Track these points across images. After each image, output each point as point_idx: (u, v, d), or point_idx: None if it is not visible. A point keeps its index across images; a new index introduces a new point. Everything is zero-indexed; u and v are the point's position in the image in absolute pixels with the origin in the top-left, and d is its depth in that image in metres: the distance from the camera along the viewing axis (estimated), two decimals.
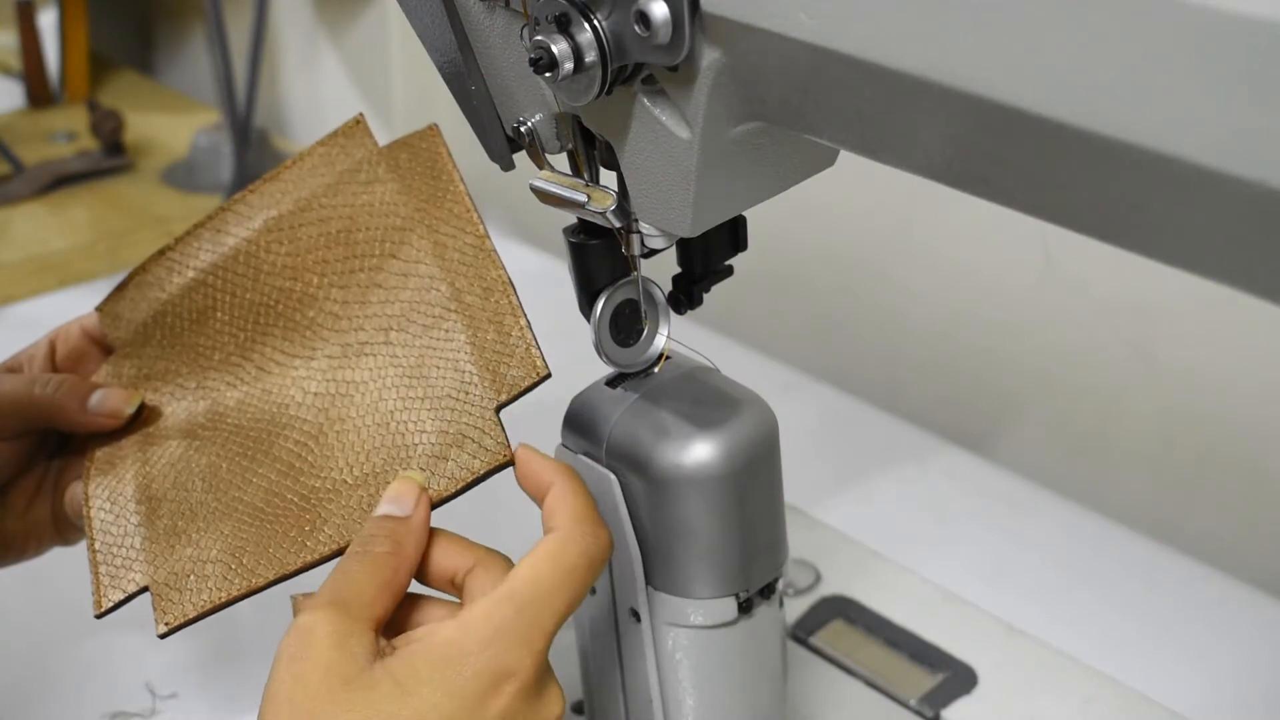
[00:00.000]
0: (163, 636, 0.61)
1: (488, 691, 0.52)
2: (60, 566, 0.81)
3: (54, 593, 0.89)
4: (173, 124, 1.63)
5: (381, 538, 0.56)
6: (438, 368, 0.62)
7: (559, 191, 0.58)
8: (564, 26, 0.49)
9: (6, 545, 0.72)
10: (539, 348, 0.59)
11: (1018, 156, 0.42)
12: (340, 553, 0.58)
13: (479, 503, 0.62)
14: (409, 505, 0.57)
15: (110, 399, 0.70)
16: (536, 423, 0.66)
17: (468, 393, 0.60)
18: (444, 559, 0.56)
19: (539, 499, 0.57)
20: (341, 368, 0.65)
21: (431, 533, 0.57)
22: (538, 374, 0.59)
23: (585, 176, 0.59)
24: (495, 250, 0.63)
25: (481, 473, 0.58)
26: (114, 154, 1.51)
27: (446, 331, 0.62)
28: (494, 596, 0.53)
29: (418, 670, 0.51)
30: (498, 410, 0.59)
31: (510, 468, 0.58)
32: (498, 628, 0.52)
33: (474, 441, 0.59)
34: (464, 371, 0.61)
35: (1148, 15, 0.35)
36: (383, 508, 0.57)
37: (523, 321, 0.60)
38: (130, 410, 0.70)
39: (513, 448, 0.58)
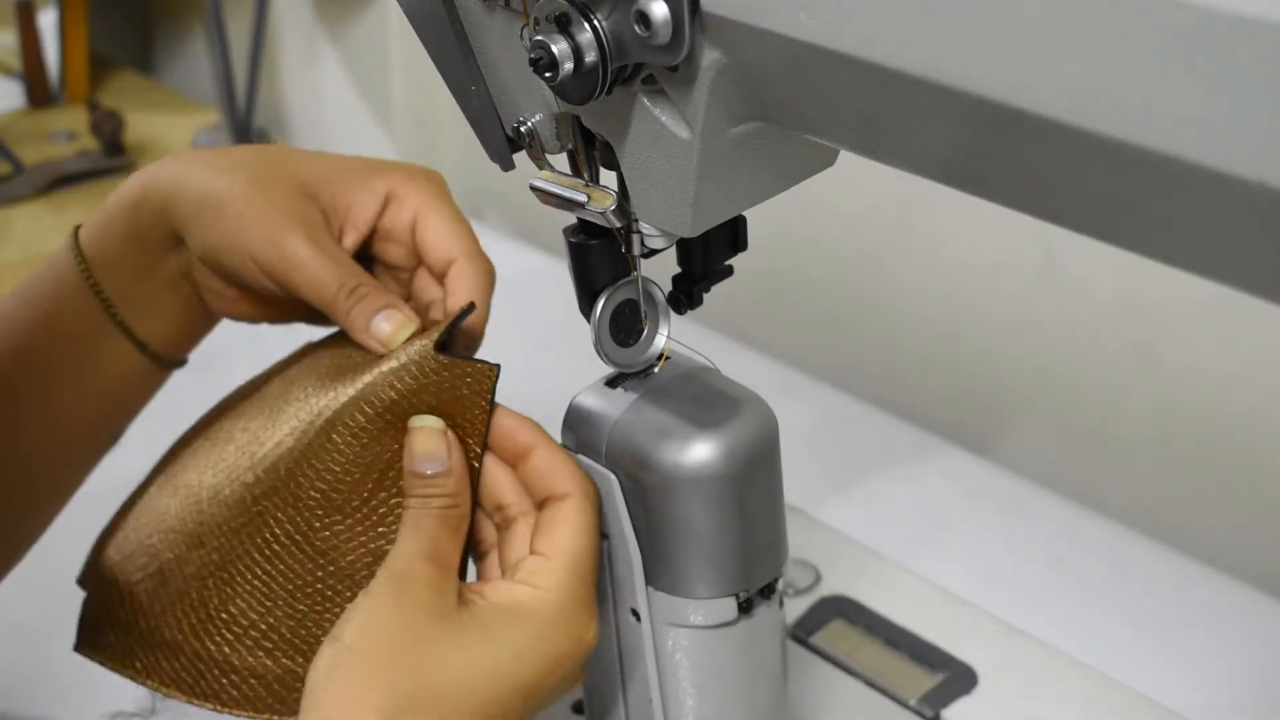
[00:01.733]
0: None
1: (563, 657, 0.57)
2: (60, 566, 0.81)
3: (54, 592, 0.89)
4: (173, 124, 1.64)
5: (435, 496, 0.59)
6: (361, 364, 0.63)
7: (559, 191, 0.58)
8: (564, 26, 0.49)
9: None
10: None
11: (1018, 156, 0.42)
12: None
13: None
14: (443, 457, 0.59)
15: (388, 324, 0.62)
16: (537, 423, 0.66)
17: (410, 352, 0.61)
18: (547, 479, 0.60)
19: (510, 456, 0.61)
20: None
21: (541, 445, 0.60)
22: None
23: (585, 176, 0.59)
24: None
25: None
26: (114, 154, 1.51)
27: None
28: (560, 568, 0.58)
29: (502, 622, 0.57)
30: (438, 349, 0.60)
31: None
32: (572, 600, 0.58)
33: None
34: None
35: (1148, 15, 0.35)
36: (419, 465, 0.59)
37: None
38: (402, 340, 0.62)
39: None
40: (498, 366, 0.60)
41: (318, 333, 0.68)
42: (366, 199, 0.66)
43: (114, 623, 0.67)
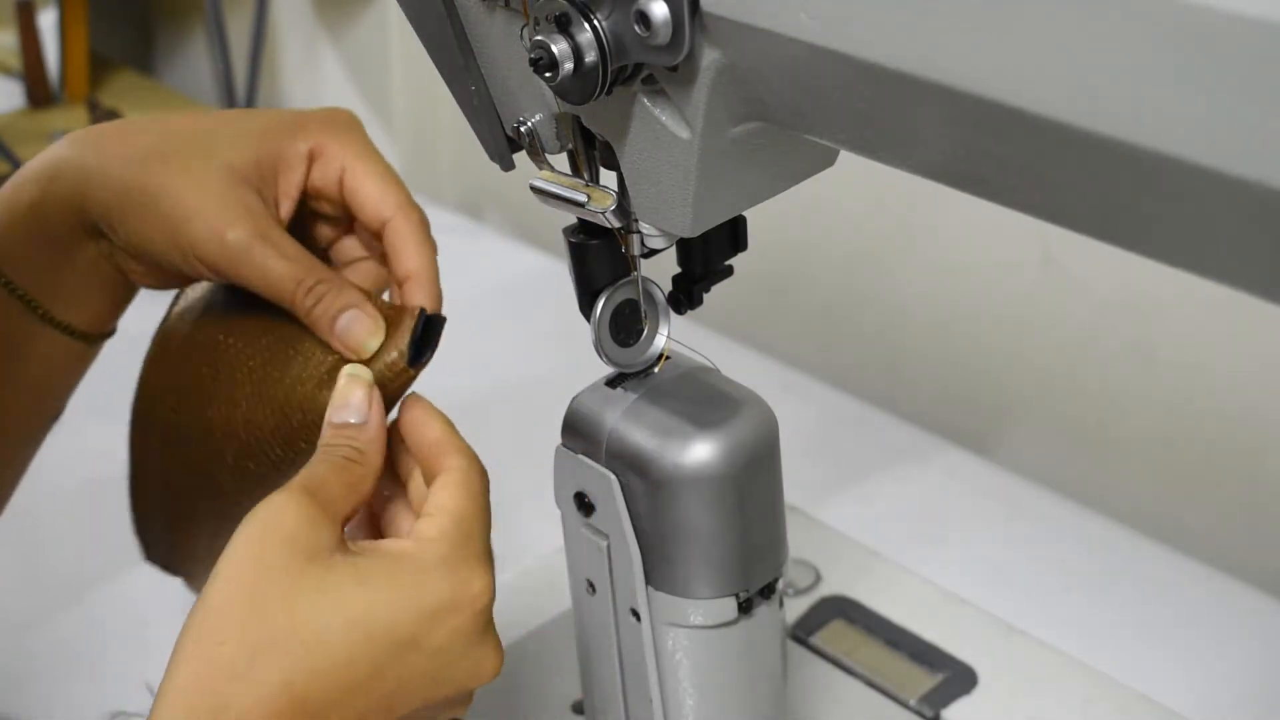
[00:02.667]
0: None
1: (444, 606, 0.53)
2: (60, 567, 0.81)
3: (53, 592, 0.89)
4: None
5: (343, 445, 0.57)
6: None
7: (559, 191, 0.58)
8: (564, 26, 0.49)
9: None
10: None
11: (1018, 156, 0.42)
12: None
13: None
14: (363, 409, 0.58)
15: (358, 327, 0.62)
16: (537, 422, 0.66)
17: None
18: (433, 454, 0.58)
19: (421, 450, 0.59)
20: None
21: (431, 423, 0.59)
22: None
23: (585, 176, 0.59)
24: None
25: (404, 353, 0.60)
26: None
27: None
28: (443, 521, 0.55)
29: (377, 568, 0.53)
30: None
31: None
32: (454, 547, 0.54)
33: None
34: None
35: (1148, 15, 0.35)
36: (338, 414, 0.58)
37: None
38: (374, 348, 0.61)
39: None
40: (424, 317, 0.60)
41: None
42: (293, 162, 0.64)
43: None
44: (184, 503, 0.68)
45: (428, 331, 0.61)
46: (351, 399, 0.59)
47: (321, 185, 0.65)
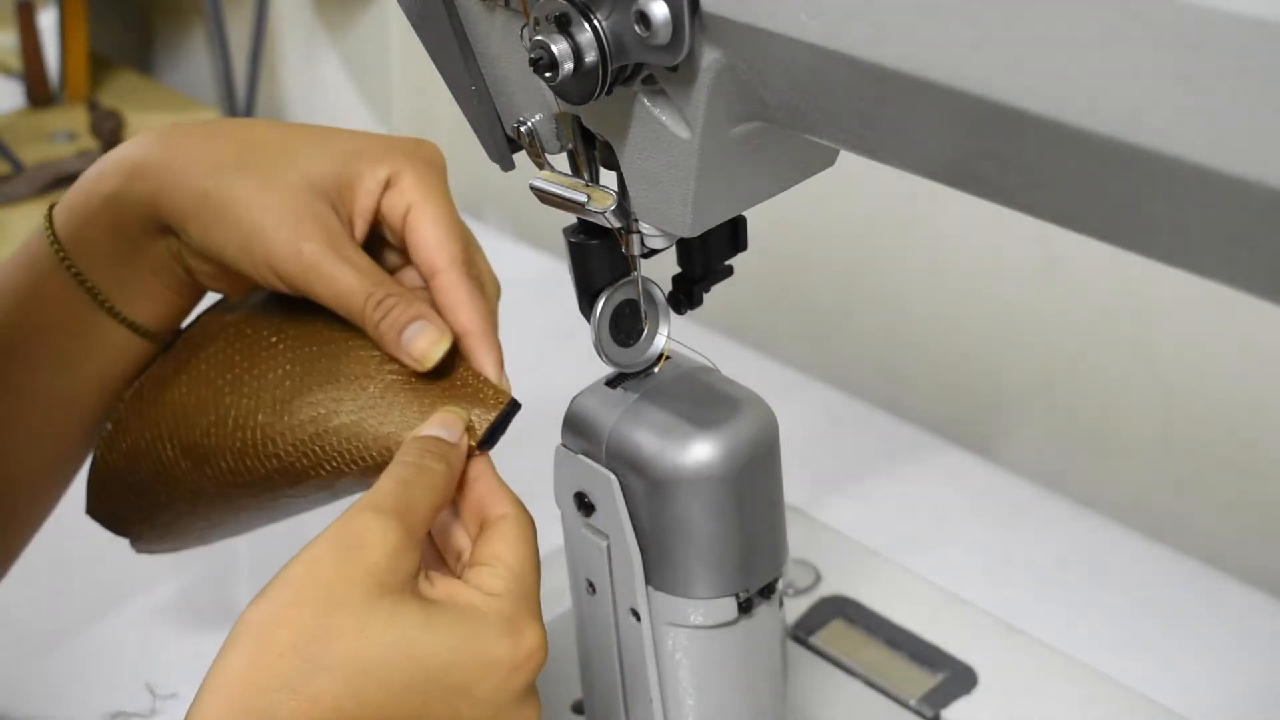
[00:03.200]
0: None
1: (500, 660, 0.53)
2: (60, 567, 0.81)
3: (54, 593, 0.89)
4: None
5: (438, 456, 0.57)
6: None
7: (559, 191, 0.58)
8: (564, 26, 0.49)
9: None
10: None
11: (1018, 156, 0.42)
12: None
13: None
14: (457, 433, 0.59)
15: (422, 338, 0.62)
16: (537, 423, 0.66)
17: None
18: (483, 498, 0.59)
19: (468, 489, 0.60)
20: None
21: (482, 466, 0.60)
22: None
23: (585, 176, 0.59)
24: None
25: (492, 420, 0.61)
26: None
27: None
28: (506, 574, 0.56)
29: (443, 614, 0.53)
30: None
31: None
32: (517, 604, 0.55)
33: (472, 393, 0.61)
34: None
35: (1148, 15, 0.35)
36: (432, 429, 0.59)
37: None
38: (438, 357, 0.62)
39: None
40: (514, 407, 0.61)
41: None
42: (371, 187, 0.64)
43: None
44: (161, 477, 0.68)
45: (504, 418, 0.62)
46: (448, 422, 0.59)
47: (387, 215, 0.65)
